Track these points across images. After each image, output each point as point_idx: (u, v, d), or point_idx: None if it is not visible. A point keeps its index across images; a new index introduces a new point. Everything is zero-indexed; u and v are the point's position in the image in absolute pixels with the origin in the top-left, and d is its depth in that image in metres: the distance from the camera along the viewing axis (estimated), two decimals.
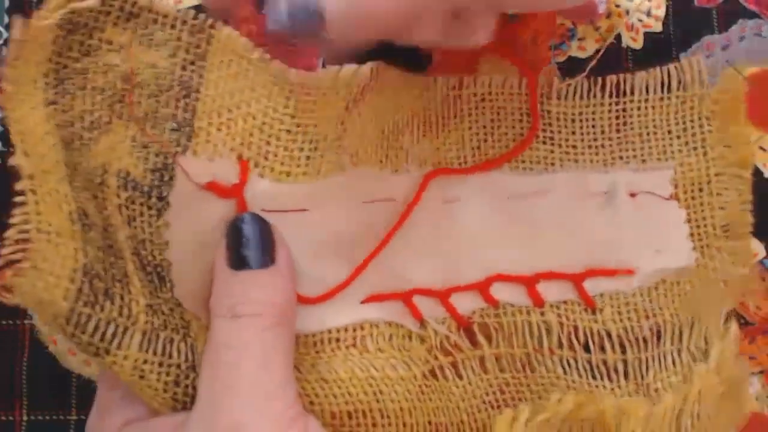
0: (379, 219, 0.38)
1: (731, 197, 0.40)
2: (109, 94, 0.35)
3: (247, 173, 0.35)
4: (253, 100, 0.36)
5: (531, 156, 0.40)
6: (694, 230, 0.40)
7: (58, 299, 0.32)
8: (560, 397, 0.37)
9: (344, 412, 0.36)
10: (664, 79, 0.41)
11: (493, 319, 0.39)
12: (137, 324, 0.33)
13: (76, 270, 0.32)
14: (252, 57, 0.36)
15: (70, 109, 0.34)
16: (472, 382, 0.39)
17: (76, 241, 0.33)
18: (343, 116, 0.37)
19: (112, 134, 0.35)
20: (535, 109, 0.40)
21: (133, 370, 0.33)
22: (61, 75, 0.34)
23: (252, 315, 0.33)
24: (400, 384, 0.37)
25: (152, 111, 0.35)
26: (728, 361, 0.38)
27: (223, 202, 0.35)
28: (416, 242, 0.39)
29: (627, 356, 0.39)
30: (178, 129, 0.35)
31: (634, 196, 0.40)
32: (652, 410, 0.37)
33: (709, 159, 0.41)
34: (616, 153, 0.41)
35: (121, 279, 0.34)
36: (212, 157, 0.35)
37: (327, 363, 0.37)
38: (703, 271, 0.40)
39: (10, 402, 0.41)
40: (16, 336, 0.41)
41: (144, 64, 0.35)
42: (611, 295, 0.40)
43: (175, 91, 0.35)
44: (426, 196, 0.39)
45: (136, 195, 0.34)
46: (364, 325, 0.38)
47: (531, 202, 0.40)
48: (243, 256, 0.34)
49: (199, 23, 0.36)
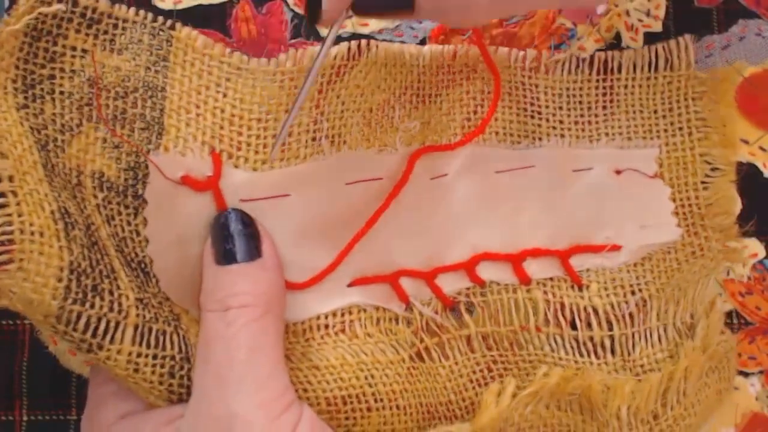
0: (365, 199, 0.38)
1: (716, 176, 0.41)
2: (76, 98, 0.35)
3: (221, 165, 0.36)
4: (220, 94, 0.37)
5: (518, 129, 0.41)
6: (678, 208, 0.41)
7: (47, 298, 0.32)
8: (546, 371, 0.38)
9: (338, 398, 0.36)
10: (652, 59, 0.41)
11: (480, 297, 0.40)
12: (128, 318, 0.34)
13: (63, 268, 0.32)
14: (213, 53, 0.37)
15: (41, 113, 0.35)
16: (459, 362, 0.39)
17: (60, 239, 0.33)
18: (316, 99, 0.37)
19: (83, 137, 0.35)
20: (493, 66, 0.40)
21: (127, 363, 0.33)
22: (29, 81, 0.35)
23: (239, 307, 0.34)
24: (390, 367, 0.37)
25: (120, 112, 0.36)
26: (714, 338, 0.39)
27: (199, 196, 0.36)
28: (402, 222, 0.39)
29: (614, 332, 0.39)
30: (147, 128, 0.36)
31: (619, 173, 0.41)
32: (637, 387, 0.38)
33: (694, 139, 0.41)
34: (602, 129, 0.41)
35: (109, 275, 0.34)
36: (184, 152, 0.36)
37: (318, 351, 0.37)
38: (689, 247, 0.41)
39: (10, 402, 0.41)
40: (16, 336, 0.41)
41: (108, 67, 0.36)
42: (597, 270, 0.40)
43: (141, 92, 0.36)
44: (413, 174, 0.39)
45: (111, 195, 0.35)
46: (352, 309, 0.38)
47: (517, 177, 0.40)
48: (228, 251, 0.35)
49: (158, 25, 0.37)
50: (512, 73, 0.41)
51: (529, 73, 0.41)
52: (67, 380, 0.41)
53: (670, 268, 0.40)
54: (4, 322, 0.41)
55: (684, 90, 0.41)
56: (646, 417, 0.38)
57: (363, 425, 0.36)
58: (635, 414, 0.38)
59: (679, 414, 0.38)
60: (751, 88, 0.43)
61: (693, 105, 0.41)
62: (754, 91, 0.43)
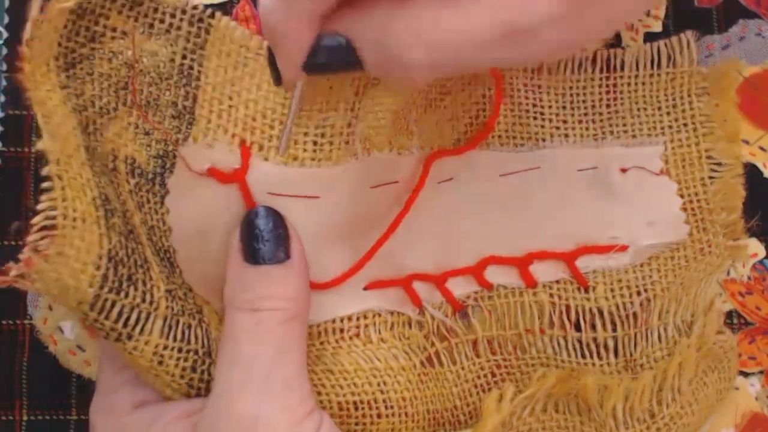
0: (386, 203, 0.38)
1: (722, 171, 0.41)
2: (114, 80, 0.35)
3: (249, 158, 0.36)
4: (254, 86, 0.36)
5: (521, 131, 0.40)
6: (686, 204, 0.41)
7: (83, 286, 0.31)
8: (542, 374, 0.38)
9: (350, 403, 0.36)
10: (654, 55, 0.41)
11: (487, 301, 0.40)
12: (159, 310, 0.33)
13: (102, 256, 0.32)
14: (250, 44, 0.37)
15: (82, 94, 0.34)
16: (465, 367, 0.39)
17: (100, 227, 0.32)
18: (352, 102, 0.37)
19: (118, 120, 0.35)
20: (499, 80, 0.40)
21: (153, 355, 0.33)
22: (69, 59, 0.34)
23: (270, 309, 0.34)
24: (402, 374, 0.37)
25: (153, 98, 0.35)
26: (710, 336, 0.39)
27: (224, 188, 0.35)
28: (413, 225, 0.39)
29: (617, 333, 0.39)
30: (179, 116, 0.35)
31: (624, 171, 0.40)
32: (631, 385, 0.37)
33: (699, 135, 0.41)
34: (607, 128, 0.41)
35: (143, 264, 0.34)
36: (212, 143, 0.35)
37: (332, 355, 0.37)
38: (697, 244, 0.40)
39: (10, 402, 0.41)
40: (16, 336, 0.41)
41: (146, 51, 0.35)
42: (604, 272, 0.40)
43: (175, 79, 0.36)
44: (416, 176, 0.39)
45: (142, 182, 0.35)
46: (367, 314, 0.38)
47: (523, 179, 0.40)
48: (257, 250, 0.34)
49: (198, 13, 0.36)
50: (514, 74, 0.41)
51: (531, 74, 0.41)
52: (67, 380, 0.41)
53: (678, 266, 0.40)
54: (4, 322, 0.41)
55: (687, 86, 0.41)
56: (642, 415, 0.37)
57: (372, 431, 0.36)
58: (631, 412, 0.37)
59: (675, 412, 0.38)
60: (751, 88, 0.43)
61: (697, 101, 0.41)
62: (754, 91, 0.43)
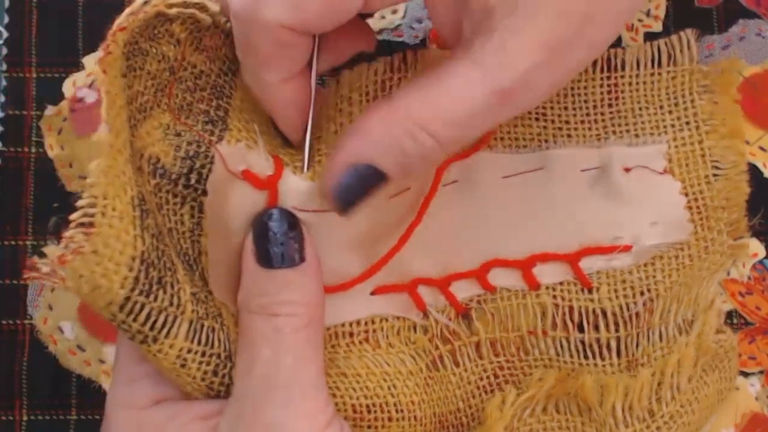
0: (397, 212, 0.38)
1: (726, 169, 0.41)
2: (157, 81, 0.34)
3: (282, 167, 0.35)
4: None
5: (524, 133, 0.40)
6: (691, 202, 0.40)
7: (115, 287, 0.31)
8: (541, 375, 0.38)
9: (363, 406, 0.36)
10: (655, 54, 0.41)
11: (490, 304, 0.39)
12: (185, 313, 0.33)
13: (135, 258, 0.31)
14: None
15: (131, 86, 0.34)
16: (468, 369, 0.39)
17: (135, 227, 0.31)
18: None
19: (151, 120, 0.34)
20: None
21: (176, 359, 0.32)
22: (130, 50, 0.34)
23: (288, 315, 0.33)
24: (410, 378, 0.37)
25: (187, 104, 0.35)
26: (709, 334, 0.39)
27: (255, 193, 0.35)
28: (418, 231, 0.39)
29: (620, 333, 0.39)
30: (212, 122, 0.35)
31: (628, 171, 0.40)
32: (630, 383, 0.37)
33: (702, 132, 0.41)
34: (609, 128, 0.41)
35: (171, 267, 0.33)
36: (250, 145, 0.35)
37: (344, 358, 0.37)
38: (702, 242, 0.40)
39: (10, 402, 0.41)
40: (16, 336, 0.41)
41: (188, 62, 0.35)
42: (608, 272, 0.40)
43: (208, 92, 0.35)
44: (428, 182, 0.39)
45: (163, 182, 0.34)
46: (374, 319, 0.38)
47: (525, 181, 0.40)
48: (273, 253, 0.34)
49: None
50: None
51: None
52: (67, 380, 0.41)
53: (682, 266, 0.40)
54: (4, 322, 0.41)
55: (689, 84, 0.41)
56: (642, 414, 0.37)
57: None
58: (630, 411, 0.37)
59: (675, 411, 0.38)
60: (751, 88, 0.43)
61: (698, 99, 0.41)
62: (754, 91, 0.43)
